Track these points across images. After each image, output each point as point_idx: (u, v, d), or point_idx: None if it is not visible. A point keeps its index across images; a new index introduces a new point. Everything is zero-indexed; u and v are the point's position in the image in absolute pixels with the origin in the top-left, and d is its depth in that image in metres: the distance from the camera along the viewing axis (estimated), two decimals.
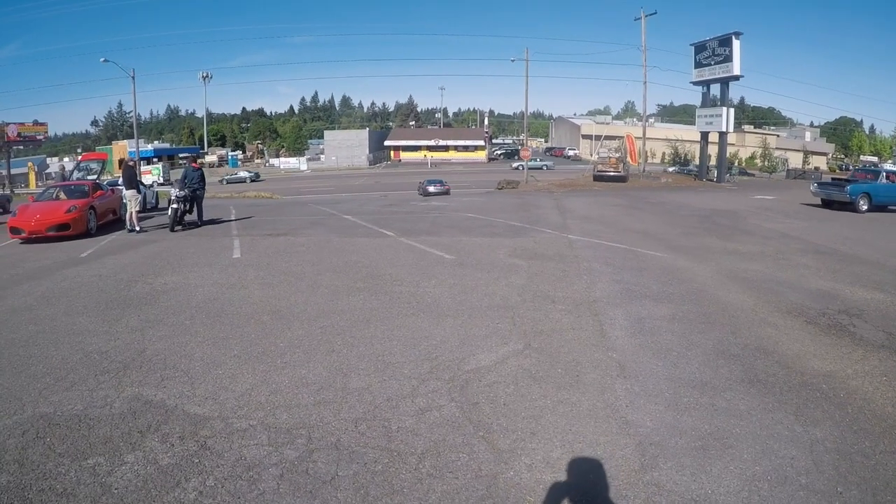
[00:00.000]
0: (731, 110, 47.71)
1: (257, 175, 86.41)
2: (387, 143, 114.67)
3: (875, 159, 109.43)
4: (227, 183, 76.83)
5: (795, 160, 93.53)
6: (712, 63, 47.49)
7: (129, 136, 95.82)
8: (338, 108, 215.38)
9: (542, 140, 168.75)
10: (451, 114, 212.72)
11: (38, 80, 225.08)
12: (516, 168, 74.92)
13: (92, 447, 4.96)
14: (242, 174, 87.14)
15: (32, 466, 4.70)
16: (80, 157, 52.51)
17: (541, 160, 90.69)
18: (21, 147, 77.15)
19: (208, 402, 5.80)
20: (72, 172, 28.75)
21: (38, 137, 77.07)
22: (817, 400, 5.86)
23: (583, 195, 35.52)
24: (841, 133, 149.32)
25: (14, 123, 71.29)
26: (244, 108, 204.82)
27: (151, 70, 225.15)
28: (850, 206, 27.02)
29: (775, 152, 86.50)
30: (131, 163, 22.27)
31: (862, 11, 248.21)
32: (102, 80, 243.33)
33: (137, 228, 19.29)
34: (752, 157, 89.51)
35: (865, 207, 26.92)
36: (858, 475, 4.55)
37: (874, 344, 7.72)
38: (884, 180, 28.35)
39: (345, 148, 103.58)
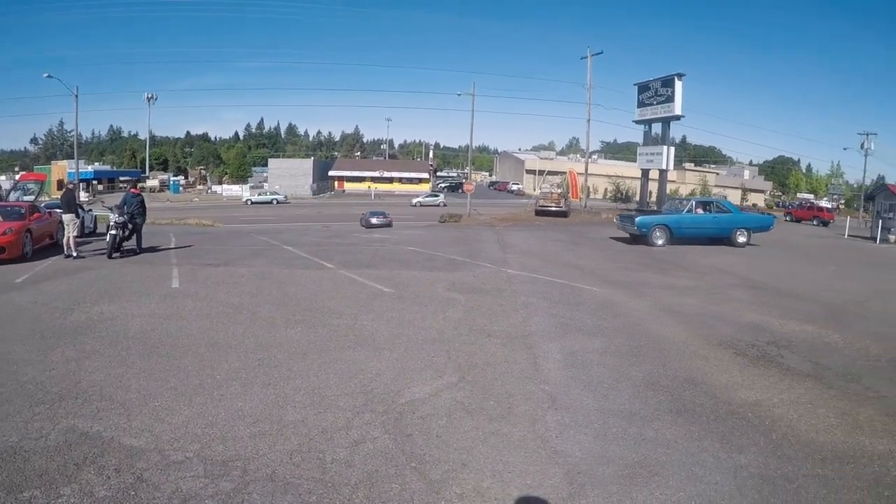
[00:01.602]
0: (672, 149, 48.44)
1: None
2: (331, 172, 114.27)
3: (811, 196, 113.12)
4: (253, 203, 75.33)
5: (734, 197, 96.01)
6: (655, 103, 48.22)
7: (70, 157, 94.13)
8: (283, 136, 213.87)
9: (487, 174, 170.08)
10: (396, 145, 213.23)
11: None
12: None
13: (27, 480, 4.88)
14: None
15: None
16: (17, 177, 51.56)
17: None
18: None
19: (145, 435, 5.76)
20: (8, 192, 28.19)
21: None
22: (743, 428, 6.10)
23: (524, 230, 35.77)
24: (779, 171, 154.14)
25: None
26: (188, 133, 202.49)
27: (95, 89, 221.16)
28: (644, 240, 26.05)
29: (714, 189, 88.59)
30: (71, 185, 21.93)
31: (799, 54, 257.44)
32: (44, 96, 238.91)
33: (75, 254, 18.87)
34: (692, 194, 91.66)
35: (661, 241, 25.71)
36: (781, 498, 4.76)
37: (801, 373, 8.09)
38: (696, 210, 27.47)
39: (289, 177, 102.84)
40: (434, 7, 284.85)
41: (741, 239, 26.44)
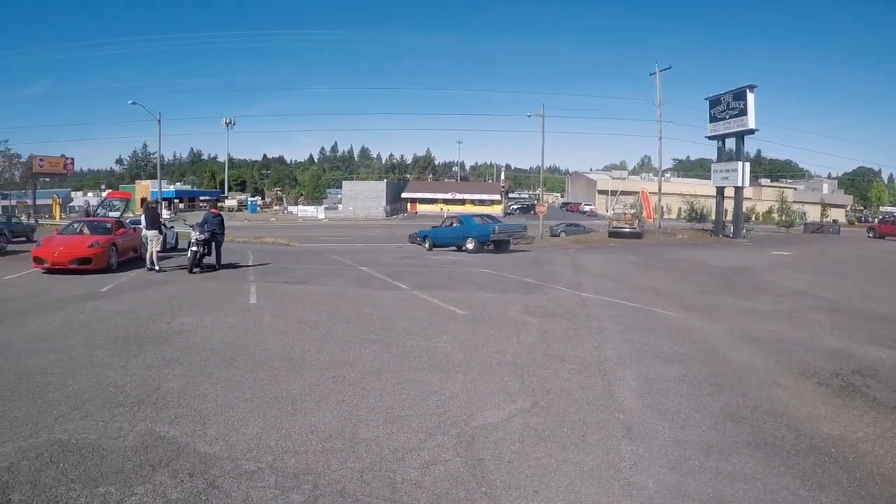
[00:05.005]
0: (747, 164, 47.54)
1: None
2: (404, 195, 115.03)
3: (895, 209, 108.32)
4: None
5: (813, 213, 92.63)
6: (727, 117, 47.33)
7: (152, 177, 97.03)
8: (356, 159, 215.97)
9: (559, 195, 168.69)
10: (468, 167, 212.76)
11: (69, 117, 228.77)
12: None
13: (104, 476, 5.06)
14: None
15: (45, 488, 4.82)
16: (104, 195, 53.30)
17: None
18: (47, 179, 78.37)
19: (219, 443, 5.88)
20: (96, 209, 29.28)
21: (64, 171, 78.34)
22: (825, 464, 5.81)
23: (597, 251, 35.38)
24: (859, 184, 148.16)
25: (41, 157, 72.56)
26: (265, 155, 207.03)
27: (177, 113, 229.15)
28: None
29: (794, 206, 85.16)
30: (153, 204, 22.71)
31: (876, 61, 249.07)
32: (129, 121, 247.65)
33: (157, 268, 19.63)
34: (770, 212, 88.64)
35: (427, 246, 35.53)
36: None
37: (887, 405, 7.68)
38: (452, 224, 35.54)
39: (362, 198, 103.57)
40: (503, 30, 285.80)
41: (469, 245, 32.61)
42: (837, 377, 8.89)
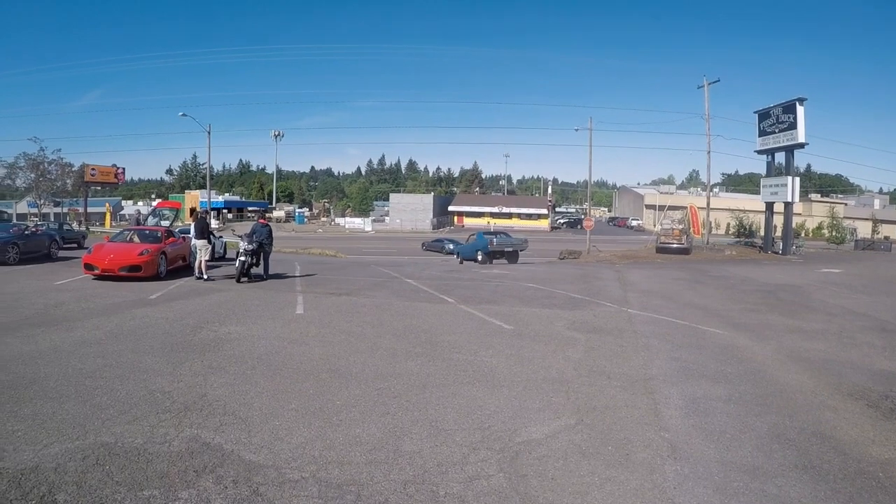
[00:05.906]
0: (797, 179, 46.10)
1: None
2: (451, 208, 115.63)
3: None
4: None
5: (864, 229, 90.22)
6: (776, 131, 46.10)
7: (202, 187, 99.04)
8: (404, 172, 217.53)
9: (606, 209, 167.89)
10: (515, 181, 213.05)
11: (121, 127, 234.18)
12: None
13: (148, 480, 5.14)
14: None
15: (90, 490, 4.93)
16: (155, 204, 54.46)
17: None
18: (99, 188, 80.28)
19: (264, 451, 5.94)
20: (146, 217, 29.86)
21: (115, 181, 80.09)
22: (872, 489, 5.67)
23: (644, 267, 34.94)
24: None
25: (93, 166, 74.26)
26: (313, 167, 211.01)
27: (226, 125, 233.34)
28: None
29: (845, 222, 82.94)
30: (203, 213, 23.05)
31: None
32: (179, 132, 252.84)
33: (205, 277, 19.97)
34: (820, 228, 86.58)
35: (458, 260, 39.89)
36: None
37: None
38: (472, 240, 40.24)
39: (409, 211, 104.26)
40: (551, 44, 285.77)
41: (479, 257, 36.97)
42: (888, 399, 8.68)
